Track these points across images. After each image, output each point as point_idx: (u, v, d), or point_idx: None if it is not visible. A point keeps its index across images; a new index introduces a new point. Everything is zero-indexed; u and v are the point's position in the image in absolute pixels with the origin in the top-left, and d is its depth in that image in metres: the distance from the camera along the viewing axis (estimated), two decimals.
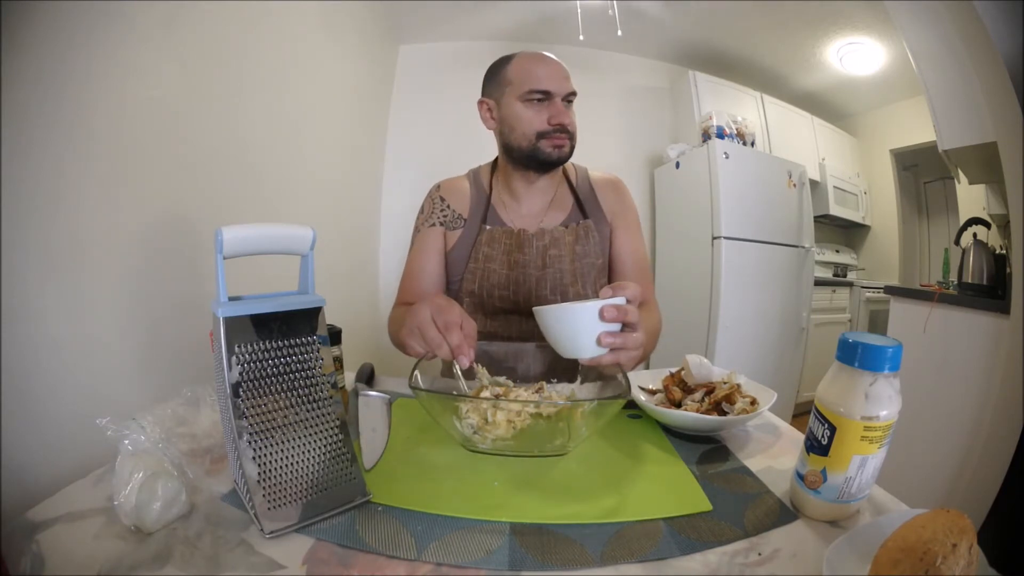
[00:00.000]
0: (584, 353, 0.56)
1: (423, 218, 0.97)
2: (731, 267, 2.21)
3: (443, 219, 0.95)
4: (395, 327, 0.86)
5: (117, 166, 0.73)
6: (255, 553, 0.39)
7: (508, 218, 0.94)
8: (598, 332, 0.54)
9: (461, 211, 0.95)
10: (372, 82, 2.22)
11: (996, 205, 1.71)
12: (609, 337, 0.54)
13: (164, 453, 0.45)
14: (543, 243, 0.91)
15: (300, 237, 0.46)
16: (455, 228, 0.94)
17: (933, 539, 0.33)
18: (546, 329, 0.58)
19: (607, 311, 0.54)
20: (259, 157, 1.18)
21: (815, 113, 2.99)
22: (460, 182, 0.98)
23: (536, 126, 0.85)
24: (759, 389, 0.68)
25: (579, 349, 0.56)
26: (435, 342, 0.55)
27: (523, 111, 0.85)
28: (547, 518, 0.44)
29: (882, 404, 0.41)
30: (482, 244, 0.91)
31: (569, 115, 0.86)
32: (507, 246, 0.91)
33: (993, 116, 1.36)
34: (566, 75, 0.86)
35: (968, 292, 1.62)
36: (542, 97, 0.84)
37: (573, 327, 0.56)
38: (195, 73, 0.92)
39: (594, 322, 0.54)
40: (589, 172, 1.00)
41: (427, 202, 0.98)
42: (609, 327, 0.55)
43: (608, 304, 0.54)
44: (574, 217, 0.95)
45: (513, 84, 0.85)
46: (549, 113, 0.84)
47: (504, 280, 0.91)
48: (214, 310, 0.42)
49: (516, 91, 0.85)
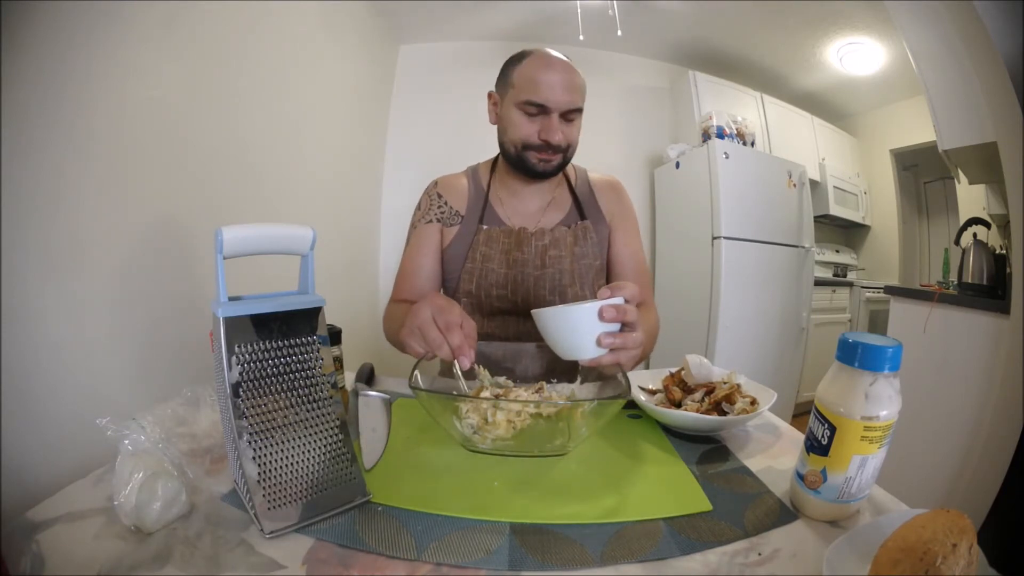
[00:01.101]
0: (584, 354, 0.56)
1: (420, 215, 0.96)
2: (731, 267, 2.21)
3: (440, 216, 0.94)
4: (391, 324, 0.86)
5: (117, 166, 0.73)
6: (255, 553, 0.39)
7: (505, 215, 0.94)
8: (597, 333, 0.54)
9: (458, 208, 0.94)
10: (372, 82, 2.22)
11: (996, 205, 1.71)
12: (608, 338, 0.54)
13: (164, 453, 0.45)
14: (543, 243, 0.91)
15: (300, 237, 0.46)
16: (452, 224, 0.94)
17: (933, 539, 0.33)
18: (545, 331, 0.58)
19: (606, 311, 0.53)
20: (259, 157, 1.18)
21: (815, 113, 2.99)
22: (458, 179, 0.98)
23: (525, 137, 0.83)
24: (759, 389, 0.68)
25: (578, 350, 0.56)
26: (436, 342, 0.55)
27: (517, 118, 0.83)
28: (547, 518, 0.44)
29: (882, 404, 0.41)
30: (480, 244, 0.90)
31: (561, 132, 0.82)
32: (505, 245, 0.90)
33: (993, 116, 1.36)
34: (571, 86, 0.81)
35: (968, 292, 1.62)
36: (536, 111, 0.81)
37: (572, 329, 0.56)
38: (195, 73, 0.92)
39: (593, 323, 0.54)
40: (588, 174, 1.00)
41: (424, 199, 0.97)
42: (608, 327, 0.54)
43: (607, 304, 0.53)
44: (572, 218, 0.94)
45: (515, 88, 0.83)
46: (540, 127, 0.82)
47: (502, 279, 0.90)
48: (214, 310, 0.42)
49: (515, 96, 0.82)
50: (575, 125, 0.85)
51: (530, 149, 0.84)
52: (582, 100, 0.84)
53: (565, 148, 0.85)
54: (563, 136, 0.83)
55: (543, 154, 0.84)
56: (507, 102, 0.85)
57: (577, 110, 0.83)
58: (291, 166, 1.36)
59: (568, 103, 0.81)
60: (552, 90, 0.80)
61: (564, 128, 0.83)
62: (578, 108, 0.83)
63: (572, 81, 0.82)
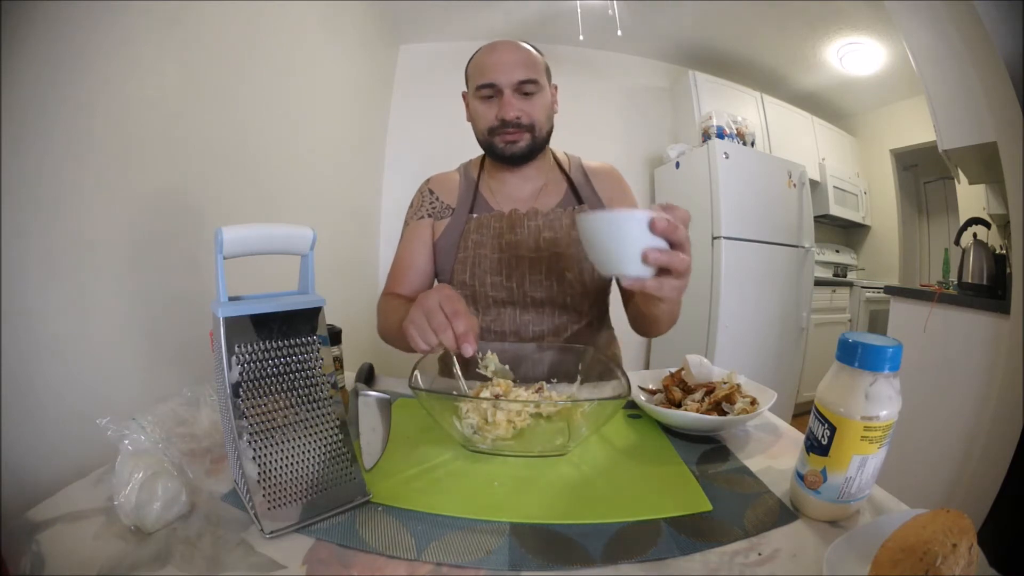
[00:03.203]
0: (628, 269, 0.51)
1: (411, 212, 0.97)
2: (731, 267, 2.21)
3: (431, 211, 0.94)
4: (383, 317, 0.86)
5: (117, 165, 0.73)
6: (255, 553, 0.39)
7: (496, 203, 0.93)
8: (645, 245, 0.49)
9: (449, 202, 0.94)
10: (372, 82, 2.22)
11: (996, 205, 1.71)
12: (655, 253, 0.49)
13: (164, 453, 0.45)
14: (536, 223, 0.88)
15: (300, 237, 0.46)
16: (443, 218, 0.93)
17: (933, 539, 0.33)
18: (588, 240, 0.54)
19: (658, 222, 0.49)
20: (259, 157, 1.18)
21: (815, 113, 2.99)
22: (450, 175, 0.99)
23: (487, 122, 0.84)
24: (759, 389, 0.68)
25: (623, 263, 0.51)
26: (441, 326, 0.54)
27: (477, 107, 0.85)
28: (547, 518, 0.44)
29: (882, 404, 0.41)
30: (470, 232, 0.90)
31: (516, 107, 0.81)
32: (497, 229, 0.89)
33: (993, 116, 1.36)
34: (516, 61, 0.81)
35: (968, 292, 1.62)
36: (490, 93, 0.81)
37: (619, 236, 0.51)
38: (196, 73, 0.92)
39: (644, 233, 0.49)
40: (583, 160, 0.99)
41: (416, 197, 0.98)
42: (657, 243, 0.50)
43: (661, 216, 0.49)
44: (568, 202, 0.93)
45: (471, 78, 0.85)
46: (497, 108, 0.82)
47: (496, 265, 0.88)
48: (214, 310, 0.42)
49: (472, 87, 0.85)
50: (535, 101, 0.83)
51: (494, 134, 0.84)
52: (536, 73, 0.82)
53: (529, 126, 0.83)
54: (521, 112, 0.82)
55: (506, 135, 0.83)
56: (470, 96, 0.87)
57: (530, 81, 0.81)
58: (291, 166, 1.37)
59: (517, 77, 0.80)
60: (498, 68, 0.80)
61: (523, 104, 0.82)
62: (531, 79, 0.81)
63: (519, 57, 0.82)
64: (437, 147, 2.44)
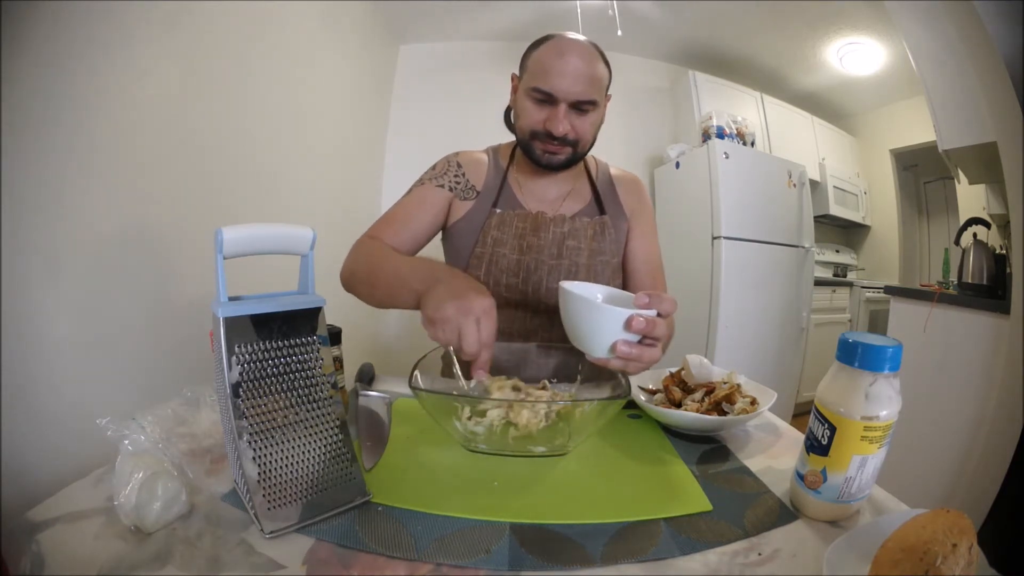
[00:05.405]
0: (594, 352, 0.53)
1: (431, 174, 0.90)
2: (731, 267, 2.21)
3: (454, 184, 0.89)
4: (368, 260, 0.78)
5: (118, 165, 0.73)
6: (255, 553, 0.39)
7: (523, 198, 0.90)
8: (617, 338, 0.51)
9: (475, 183, 0.89)
10: (372, 82, 2.22)
11: (996, 205, 1.71)
12: (625, 347, 0.50)
13: (164, 453, 0.45)
14: (562, 230, 0.86)
15: (300, 237, 0.46)
16: (465, 199, 0.88)
17: (933, 539, 0.33)
18: (565, 313, 0.55)
19: (636, 322, 0.49)
20: (259, 157, 1.18)
21: (815, 113, 2.99)
22: (479, 156, 0.93)
23: (531, 125, 0.80)
24: (759, 389, 0.68)
25: (593, 347, 0.53)
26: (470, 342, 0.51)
27: (526, 104, 0.80)
28: (547, 518, 0.44)
29: (882, 404, 0.41)
30: (491, 228, 0.86)
31: (568, 124, 0.77)
32: (520, 229, 0.86)
33: (993, 116, 1.36)
34: (583, 76, 0.76)
35: (968, 292, 1.62)
36: (544, 98, 0.77)
37: (594, 326, 0.52)
38: (196, 74, 0.92)
39: (617, 328, 0.50)
40: (610, 168, 0.97)
41: (441, 163, 0.92)
42: (630, 337, 0.51)
43: (640, 316, 0.49)
44: (591, 211, 0.91)
45: (528, 73, 0.79)
46: (547, 116, 0.78)
47: (514, 266, 0.85)
48: (214, 310, 0.42)
49: (528, 82, 0.79)
50: (588, 118, 0.80)
51: (536, 138, 0.81)
52: (597, 93, 0.78)
53: (574, 142, 0.80)
54: (570, 128, 0.78)
55: (548, 145, 0.80)
56: (521, 87, 0.82)
57: (589, 102, 0.78)
58: (291, 166, 1.37)
59: (577, 94, 0.76)
60: (561, 78, 0.75)
61: (574, 120, 0.79)
62: (590, 100, 0.78)
63: (585, 71, 0.76)
64: (437, 146, 2.44)
